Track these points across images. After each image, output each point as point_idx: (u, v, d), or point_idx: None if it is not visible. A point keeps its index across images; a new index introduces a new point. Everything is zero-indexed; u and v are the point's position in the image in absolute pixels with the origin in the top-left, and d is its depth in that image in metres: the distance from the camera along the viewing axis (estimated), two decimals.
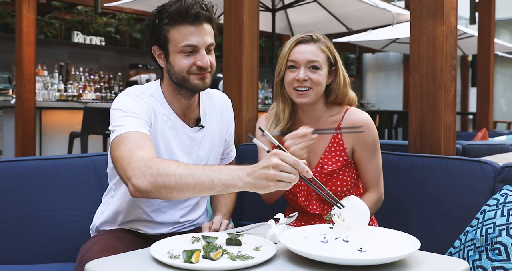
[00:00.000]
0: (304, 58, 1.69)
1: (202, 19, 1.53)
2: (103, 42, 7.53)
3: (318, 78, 1.69)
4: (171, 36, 1.53)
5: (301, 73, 1.68)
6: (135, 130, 1.40)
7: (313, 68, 1.69)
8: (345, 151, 1.74)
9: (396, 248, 1.22)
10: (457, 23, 2.18)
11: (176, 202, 1.67)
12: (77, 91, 6.16)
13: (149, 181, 1.26)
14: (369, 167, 1.74)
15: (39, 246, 1.83)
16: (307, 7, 5.49)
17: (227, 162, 1.85)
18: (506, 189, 1.70)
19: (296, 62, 1.70)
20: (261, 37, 7.34)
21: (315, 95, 1.71)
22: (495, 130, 6.81)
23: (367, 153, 1.73)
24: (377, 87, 12.07)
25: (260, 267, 1.16)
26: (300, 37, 1.73)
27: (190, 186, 1.23)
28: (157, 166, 1.26)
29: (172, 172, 1.24)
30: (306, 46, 1.70)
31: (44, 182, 1.87)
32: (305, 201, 1.75)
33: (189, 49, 1.53)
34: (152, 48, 1.60)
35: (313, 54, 1.69)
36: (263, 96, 8.68)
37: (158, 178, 1.25)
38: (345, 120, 1.75)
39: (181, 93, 1.61)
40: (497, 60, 9.83)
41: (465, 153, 2.70)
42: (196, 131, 1.65)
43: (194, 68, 1.54)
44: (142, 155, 1.31)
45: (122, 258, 1.24)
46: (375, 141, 1.74)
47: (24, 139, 5.31)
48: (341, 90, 1.75)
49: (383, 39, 7.85)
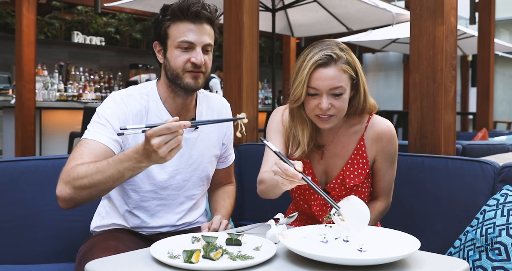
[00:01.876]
0: (326, 85, 1.52)
1: (203, 19, 1.56)
2: (103, 42, 7.53)
3: (342, 104, 1.57)
4: (170, 31, 1.56)
5: (324, 103, 1.53)
6: (93, 139, 1.47)
7: (337, 96, 1.55)
8: (367, 163, 1.67)
9: (396, 248, 1.22)
10: (457, 23, 2.18)
11: (171, 206, 1.67)
12: (77, 91, 6.16)
13: (69, 187, 1.37)
14: (386, 177, 1.70)
15: (39, 246, 1.83)
16: (307, 7, 5.48)
17: (226, 165, 1.84)
18: (506, 189, 1.70)
19: (317, 90, 1.54)
20: (261, 37, 7.34)
21: (338, 119, 1.60)
22: (495, 130, 6.81)
23: (387, 163, 1.69)
24: (377, 87, 12.07)
25: (260, 267, 1.16)
26: (319, 59, 1.53)
27: (103, 181, 1.34)
28: (73, 172, 1.37)
29: (83, 174, 1.35)
30: (327, 70, 1.53)
31: (44, 182, 1.87)
32: (319, 211, 1.70)
33: (186, 45, 1.55)
34: (154, 43, 1.63)
35: (336, 80, 1.53)
36: (263, 96, 8.69)
37: (74, 182, 1.36)
38: (368, 131, 1.67)
39: (176, 91, 1.61)
40: (497, 60, 9.84)
41: (465, 153, 2.70)
42: (190, 131, 1.65)
43: (188, 65, 1.55)
44: (72, 165, 1.40)
45: (122, 258, 1.24)
46: (396, 152, 1.69)
47: (24, 139, 5.31)
48: (363, 101, 1.63)
49: (383, 39, 7.85)
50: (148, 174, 1.60)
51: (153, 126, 1.22)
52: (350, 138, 1.68)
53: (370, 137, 1.67)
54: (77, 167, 1.38)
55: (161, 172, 1.61)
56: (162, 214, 1.66)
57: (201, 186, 1.72)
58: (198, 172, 1.68)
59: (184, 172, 1.65)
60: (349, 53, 1.60)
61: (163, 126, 1.21)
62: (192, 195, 1.70)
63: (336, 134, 1.69)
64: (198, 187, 1.71)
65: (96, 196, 1.41)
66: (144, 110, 1.58)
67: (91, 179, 1.35)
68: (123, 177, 1.34)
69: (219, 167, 1.82)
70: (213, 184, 1.84)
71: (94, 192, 1.37)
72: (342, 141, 1.69)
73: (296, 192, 1.74)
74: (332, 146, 1.69)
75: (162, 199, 1.65)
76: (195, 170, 1.68)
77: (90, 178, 1.34)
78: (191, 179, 1.68)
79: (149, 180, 1.61)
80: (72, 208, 1.44)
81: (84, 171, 1.36)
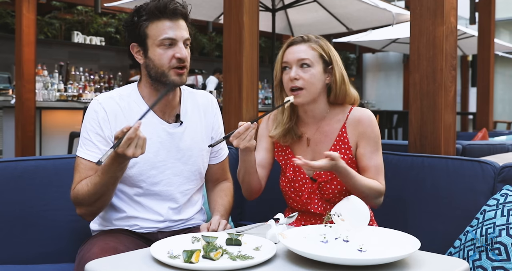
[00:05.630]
0: (294, 57, 1.71)
1: (179, 15, 1.63)
2: (103, 42, 7.54)
3: (310, 77, 1.70)
4: (150, 31, 1.60)
5: (292, 72, 1.70)
6: (84, 158, 1.61)
7: (304, 66, 1.71)
8: (350, 149, 1.74)
9: (396, 248, 1.23)
10: (457, 23, 2.18)
11: (165, 200, 1.68)
12: (77, 91, 6.16)
13: (83, 207, 1.58)
14: (372, 162, 1.73)
15: (39, 246, 1.83)
16: (307, 7, 5.49)
17: (219, 160, 1.85)
18: (506, 189, 1.70)
19: (288, 63, 1.73)
20: (261, 37, 7.34)
21: (309, 94, 1.71)
22: (495, 130, 6.80)
23: (369, 148, 1.73)
24: (377, 87, 12.08)
25: (260, 267, 1.16)
26: (292, 39, 1.77)
27: (104, 189, 1.52)
28: (78, 193, 1.57)
29: (86, 192, 1.54)
30: (297, 46, 1.73)
31: (44, 182, 1.87)
32: (307, 199, 1.75)
33: (168, 42, 1.60)
34: (131, 46, 1.65)
35: (303, 53, 1.71)
36: (263, 96, 8.69)
37: (83, 201, 1.56)
38: (349, 118, 1.76)
39: (159, 89, 1.66)
40: (497, 60, 9.84)
41: (465, 153, 2.70)
42: (175, 127, 1.69)
43: (174, 62, 1.61)
44: (75, 187, 1.59)
45: (122, 258, 1.24)
46: (377, 137, 1.75)
47: (24, 139, 5.31)
48: (339, 89, 1.75)
49: (383, 39, 7.86)
50: (137, 172, 1.63)
51: (118, 143, 1.37)
52: (333, 126, 1.78)
53: (350, 123, 1.76)
54: (78, 188, 1.56)
55: (149, 168, 1.64)
56: (158, 209, 1.67)
57: (193, 180, 1.73)
58: (188, 166, 1.71)
59: (173, 166, 1.68)
60: (324, 41, 1.77)
61: (124, 139, 1.37)
62: (186, 190, 1.72)
63: (320, 124, 1.79)
64: (191, 182, 1.72)
65: (107, 200, 1.58)
66: (122, 111, 1.64)
67: (93, 193, 1.52)
68: (117, 178, 1.51)
69: (212, 162, 1.82)
70: (210, 181, 1.85)
71: (103, 198, 1.55)
72: (326, 130, 1.78)
73: (286, 186, 1.81)
74: (316, 134, 1.79)
75: (155, 195, 1.67)
76: (185, 164, 1.70)
77: (93, 192, 1.52)
78: (182, 173, 1.70)
79: (138, 177, 1.64)
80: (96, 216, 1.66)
81: (85, 190, 1.53)
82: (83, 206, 1.58)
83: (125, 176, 1.61)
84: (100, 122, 1.62)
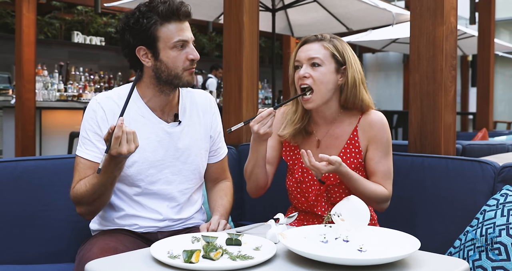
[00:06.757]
0: (305, 56, 1.68)
1: (186, 17, 1.64)
2: (103, 42, 7.53)
3: (319, 75, 1.66)
4: (161, 34, 1.60)
5: (302, 70, 1.67)
6: (83, 157, 1.62)
7: (314, 65, 1.67)
8: (360, 153, 1.72)
9: (396, 248, 1.23)
10: (457, 23, 2.18)
11: (164, 199, 1.68)
12: (77, 91, 6.17)
13: (83, 206, 1.60)
14: (380, 167, 1.71)
15: (39, 246, 1.83)
16: (307, 7, 5.48)
17: (218, 159, 1.84)
18: (506, 189, 1.70)
19: (299, 61, 1.70)
20: (261, 37, 7.34)
21: (319, 96, 1.67)
22: (495, 130, 6.81)
23: (379, 153, 1.71)
24: (377, 87, 12.07)
25: (260, 267, 1.16)
26: (306, 38, 1.74)
27: (102, 189, 1.53)
28: (77, 193, 1.58)
29: (84, 192, 1.55)
30: (309, 45, 1.71)
31: (44, 182, 1.87)
32: (314, 201, 1.73)
33: (180, 44, 1.61)
34: (137, 49, 1.62)
35: (314, 52, 1.68)
36: (263, 96, 8.69)
37: (83, 201, 1.57)
38: (361, 122, 1.73)
39: (163, 90, 1.66)
40: (497, 60, 9.83)
41: (465, 153, 2.69)
42: (174, 126, 1.69)
43: (187, 63, 1.62)
44: (74, 186, 1.60)
45: (122, 258, 1.24)
46: (388, 142, 1.72)
47: (24, 139, 5.31)
48: (350, 91, 1.69)
49: (383, 39, 7.85)
50: (135, 171, 1.64)
51: (109, 146, 1.40)
52: (344, 129, 1.75)
53: (362, 126, 1.73)
54: (77, 187, 1.57)
55: (147, 167, 1.64)
56: (157, 207, 1.67)
57: (192, 179, 1.73)
58: (187, 165, 1.71)
59: (171, 165, 1.68)
60: (340, 41, 1.73)
61: (113, 140, 1.39)
62: (185, 189, 1.71)
63: (331, 126, 1.76)
64: (190, 181, 1.72)
65: (106, 199, 1.60)
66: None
67: (92, 193, 1.53)
68: (115, 177, 1.53)
69: (211, 161, 1.82)
70: (209, 180, 1.85)
71: (102, 197, 1.56)
72: (337, 132, 1.75)
73: (293, 186, 1.78)
74: (327, 137, 1.76)
75: (154, 194, 1.67)
76: (183, 163, 1.70)
77: (91, 192, 1.53)
78: (181, 172, 1.70)
79: (137, 176, 1.64)
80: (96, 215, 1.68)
81: (84, 190, 1.55)
82: (82, 205, 1.58)
83: (123, 175, 1.61)
84: (99, 121, 1.62)
